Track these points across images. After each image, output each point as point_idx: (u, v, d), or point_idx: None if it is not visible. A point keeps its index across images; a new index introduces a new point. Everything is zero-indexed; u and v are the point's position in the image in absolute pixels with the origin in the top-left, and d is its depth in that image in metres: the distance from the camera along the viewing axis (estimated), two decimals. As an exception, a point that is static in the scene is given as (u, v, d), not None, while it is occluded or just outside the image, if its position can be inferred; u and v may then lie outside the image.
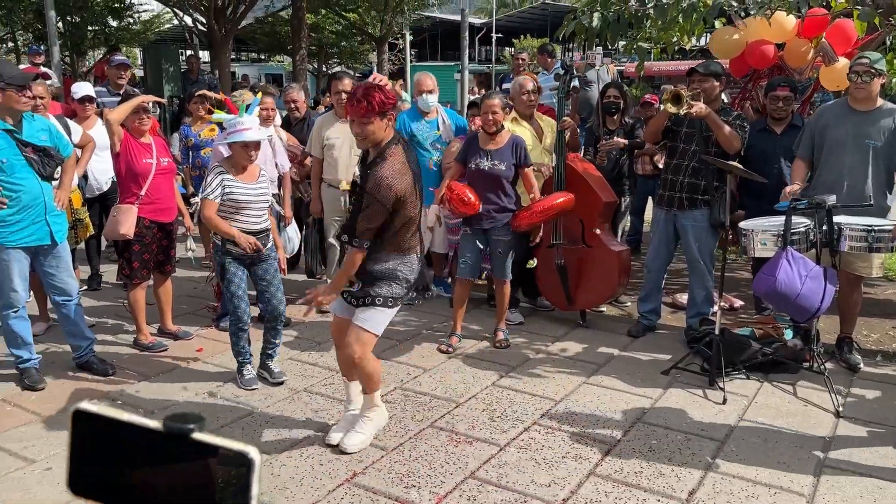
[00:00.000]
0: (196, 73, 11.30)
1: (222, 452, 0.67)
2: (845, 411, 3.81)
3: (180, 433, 0.67)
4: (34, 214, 3.94)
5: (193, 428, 0.67)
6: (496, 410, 3.86)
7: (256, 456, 0.66)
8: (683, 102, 4.38)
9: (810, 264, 3.85)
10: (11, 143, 3.83)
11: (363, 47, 23.34)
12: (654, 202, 5.06)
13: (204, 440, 0.67)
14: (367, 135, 3.14)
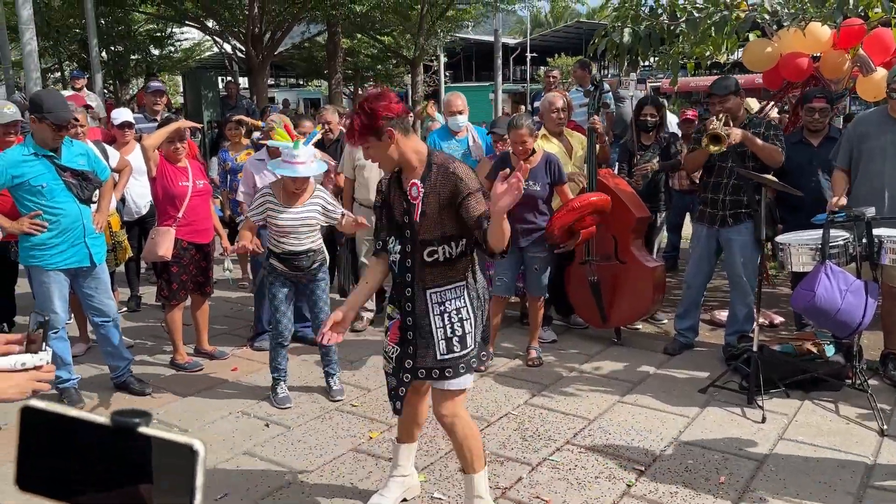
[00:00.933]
0: (234, 98, 11.52)
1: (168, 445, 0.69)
2: (890, 430, 3.68)
3: (127, 427, 0.70)
4: (73, 237, 4.04)
5: (139, 422, 0.70)
6: (528, 429, 3.82)
7: (201, 448, 0.69)
8: (724, 140, 4.35)
9: (850, 278, 3.75)
10: (51, 167, 3.94)
11: (398, 70, 23.60)
12: (694, 218, 4.98)
13: (150, 434, 0.70)
14: (377, 158, 2.70)
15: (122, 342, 4.40)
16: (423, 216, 2.66)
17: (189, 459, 0.69)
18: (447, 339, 2.72)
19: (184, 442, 0.69)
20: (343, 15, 13.83)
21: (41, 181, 3.91)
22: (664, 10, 5.88)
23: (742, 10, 5.41)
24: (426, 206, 2.66)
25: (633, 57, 6.07)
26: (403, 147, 2.65)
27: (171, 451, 0.69)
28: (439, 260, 2.69)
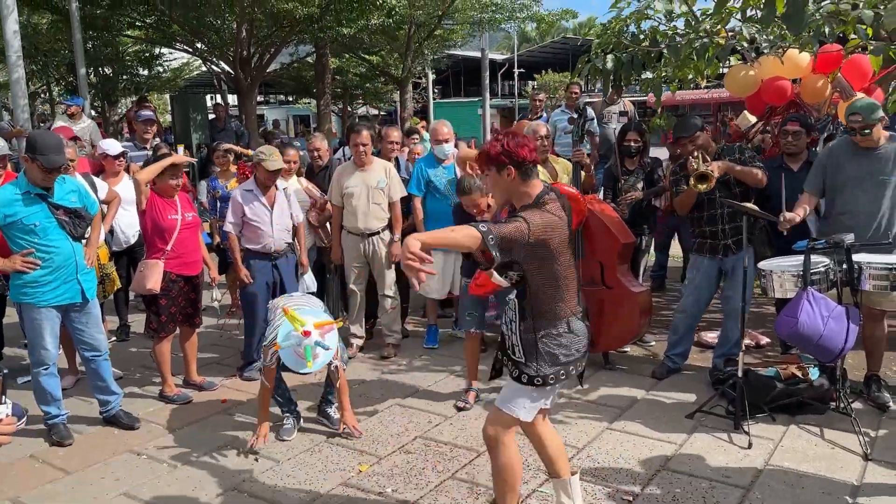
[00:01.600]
0: (223, 121, 11.56)
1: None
2: (874, 453, 3.73)
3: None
4: (66, 274, 4.06)
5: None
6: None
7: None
8: (710, 178, 4.42)
9: (832, 304, 3.81)
10: (44, 206, 3.96)
11: (386, 87, 23.72)
12: (693, 250, 4.97)
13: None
14: (490, 187, 2.94)
15: (111, 376, 4.41)
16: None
17: None
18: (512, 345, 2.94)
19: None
20: (331, 37, 13.92)
21: (34, 220, 3.93)
22: (646, 36, 5.97)
23: (721, 37, 5.50)
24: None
25: (616, 82, 6.15)
26: (515, 187, 2.81)
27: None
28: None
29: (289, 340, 3.65)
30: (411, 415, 4.46)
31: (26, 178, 3.94)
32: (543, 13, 16.18)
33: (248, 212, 4.94)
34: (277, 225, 5.02)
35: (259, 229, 4.97)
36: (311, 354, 3.61)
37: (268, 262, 5.03)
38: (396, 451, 3.97)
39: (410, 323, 6.28)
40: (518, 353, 2.88)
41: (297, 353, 3.65)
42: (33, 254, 3.93)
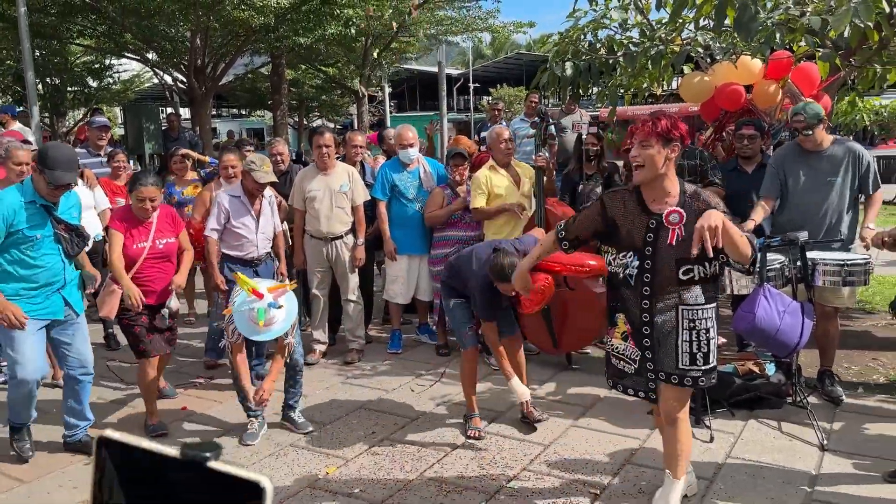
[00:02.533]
0: (177, 130, 11.37)
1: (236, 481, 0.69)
2: (830, 444, 3.84)
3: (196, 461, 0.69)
4: (51, 290, 3.81)
5: (210, 456, 0.69)
6: (485, 458, 3.86)
7: (269, 485, 0.69)
8: None
9: (787, 300, 3.92)
10: (47, 218, 3.73)
11: (343, 100, 23.64)
12: None
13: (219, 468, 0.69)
14: (647, 159, 2.82)
15: (87, 401, 4.10)
16: (679, 240, 2.83)
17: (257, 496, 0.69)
18: (691, 353, 2.91)
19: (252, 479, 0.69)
20: (287, 47, 13.83)
21: (35, 232, 3.67)
22: (602, 44, 6.11)
23: (677, 45, 5.65)
24: (684, 231, 2.83)
25: (574, 90, 6.26)
26: (669, 169, 2.86)
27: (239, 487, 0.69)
28: (694, 279, 2.86)
29: (242, 305, 3.68)
30: (377, 417, 4.43)
31: (33, 187, 3.68)
32: (499, 25, 16.34)
33: (234, 219, 4.84)
34: (262, 234, 4.94)
35: (243, 237, 4.87)
36: (263, 315, 3.65)
37: (249, 270, 4.87)
38: (363, 453, 3.95)
39: (374, 328, 6.26)
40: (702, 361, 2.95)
41: (250, 318, 3.65)
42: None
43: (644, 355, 3.01)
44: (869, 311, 6.37)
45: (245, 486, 0.69)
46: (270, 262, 5.09)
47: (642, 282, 2.91)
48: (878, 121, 19.43)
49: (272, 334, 3.79)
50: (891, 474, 3.46)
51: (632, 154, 2.87)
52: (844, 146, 4.47)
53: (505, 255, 3.75)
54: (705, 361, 2.93)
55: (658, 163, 2.83)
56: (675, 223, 2.84)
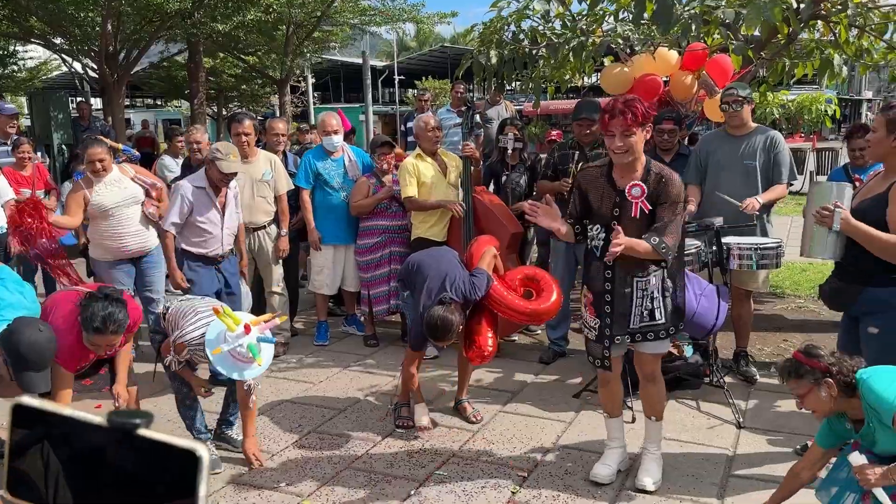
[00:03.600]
0: (87, 119, 10.91)
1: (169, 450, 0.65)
2: (745, 422, 4.00)
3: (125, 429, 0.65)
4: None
5: (139, 423, 0.65)
6: (414, 446, 3.84)
7: (205, 454, 0.64)
8: None
9: (704, 283, 4.06)
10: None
11: (264, 90, 23.13)
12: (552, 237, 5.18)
13: (151, 437, 0.65)
14: (630, 147, 3.00)
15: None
16: (641, 213, 3.05)
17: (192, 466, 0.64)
18: (651, 310, 3.19)
19: (187, 447, 0.65)
20: (205, 34, 13.41)
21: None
22: (526, 35, 6.17)
23: (597, 36, 5.76)
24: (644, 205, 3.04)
25: (499, 80, 6.31)
26: (640, 147, 3.07)
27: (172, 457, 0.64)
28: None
29: (226, 343, 3.18)
30: (304, 410, 4.36)
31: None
32: (423, 16, 16.28)
33: (197, 213, 4.45)
34: (227, 229, 4.63)
35: (207, 232, 4.52)
36: (257, 351, 3.23)
37: (212, 268, 4.60)
38: (290, 447, 3.87)
39: (300, 321, 6.15)
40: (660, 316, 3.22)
41: (236, 355, 3.20)
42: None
43: (603, 322, 3.22)
44: (779, 295, 6.66)
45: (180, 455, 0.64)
46: (233, 258, 4.80)
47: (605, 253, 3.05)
48: (784, 114, 20.38)
49: (258, 372, 3.34)
50: (802, 448, 3.62)
51: (616, 144, 3.00)
52: (765, 133, 4.63)
53: (442, 311, 3.63)
54: (651, 318, 3.20)
55: (640, 147, 3.06)
56: (636, 196, 3.03)
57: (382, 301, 5.38)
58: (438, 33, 43.11)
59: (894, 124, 3.01)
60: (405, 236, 5.31)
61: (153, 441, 0.65)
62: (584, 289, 3.36)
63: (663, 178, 3.07)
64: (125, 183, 4.80)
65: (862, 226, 3.01)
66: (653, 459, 3.42)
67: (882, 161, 3.15)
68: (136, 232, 4.80)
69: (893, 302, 3.06)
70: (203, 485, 0.64)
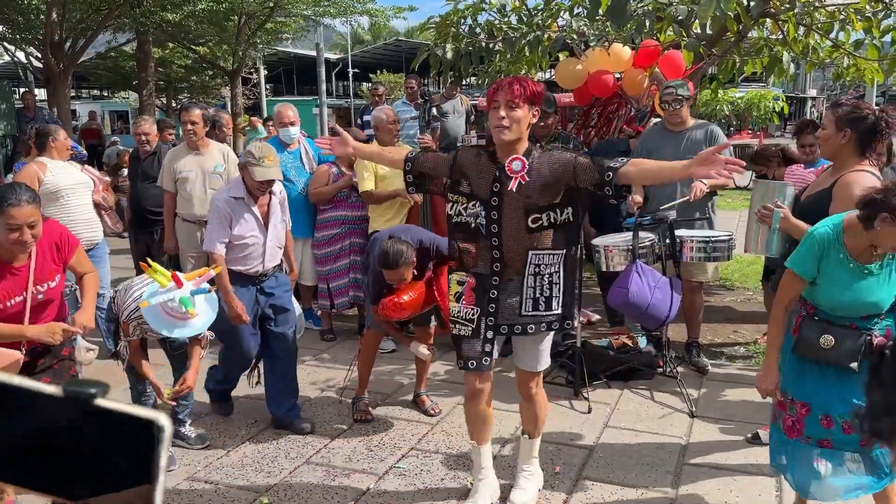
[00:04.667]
0: (32, 110, 10.57)
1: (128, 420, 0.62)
2: (698, 411, 4.09)
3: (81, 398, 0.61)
4: None
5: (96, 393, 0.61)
6: (373, 440, 3.83)
7: (167, 423, 0.62)
8: None
9: (657, 275, 4.13)
10: None
11: (215, 81, 22.71)
12: None
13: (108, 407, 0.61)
14: (515, 121, 2.77)
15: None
16: (522, 187, 2.81)
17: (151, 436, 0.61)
18: (535, 298, 2.91)
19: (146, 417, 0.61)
20: (154, 24, 13.10)
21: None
22: (482, 29, 6.19)
23: (553, 31, 5.81)
24: (531, 178, 2.82)
25: (455, 74, 6.31)
26: (524, 128, 2.86)
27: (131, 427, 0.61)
28: (544, 225, 2.84)
29: (157, 296, 3.04)
30: (259, 406, 4.29)
31: None
32: (378, 9, 16.18)
33: (236, 227, 3.69)
34: (272, 242, 3.84)
35: (246, 247, 3.76)
36: (190, 303, 3.08)
37: (250, 287, 3.84)
38: (246, 443, 3.82)
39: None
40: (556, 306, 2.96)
41: (167, 310, 3.06)
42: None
43: (486, 309, 2.92)
44: (729, 288, 6.82)
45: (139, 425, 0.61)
46: (280, 275, 4.02)
47: (491, 232, 2.87)
48: (734, 111, 20.86)
49: (195, 329, 3.19)
50: (753, 436, 3.72)
51: (499, 115, 2.80)
52: (705, 128, 4.73)
53: (393, 243, 3.64)
54: (548, 307, 2.93)
55: (524, 127, 2.84)
56: (517, 171, 2.83)
57: (343, 293, 5.34)
58: (393, 27, 42.90)
59: (843, 121, 3.10)
60: (365, 227, 5.28)
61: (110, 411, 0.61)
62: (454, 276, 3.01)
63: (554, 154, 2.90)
64: (75, 169, 4.72)
65: (800, 224, 3.11)
66: (526, 477, 3.24)
67: (831, 158, 3.23)
68: (87, 220, 4.70)
69: None
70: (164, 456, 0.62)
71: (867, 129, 3.08)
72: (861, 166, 3.10)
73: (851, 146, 3.09)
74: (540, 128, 4.90)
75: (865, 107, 3.14)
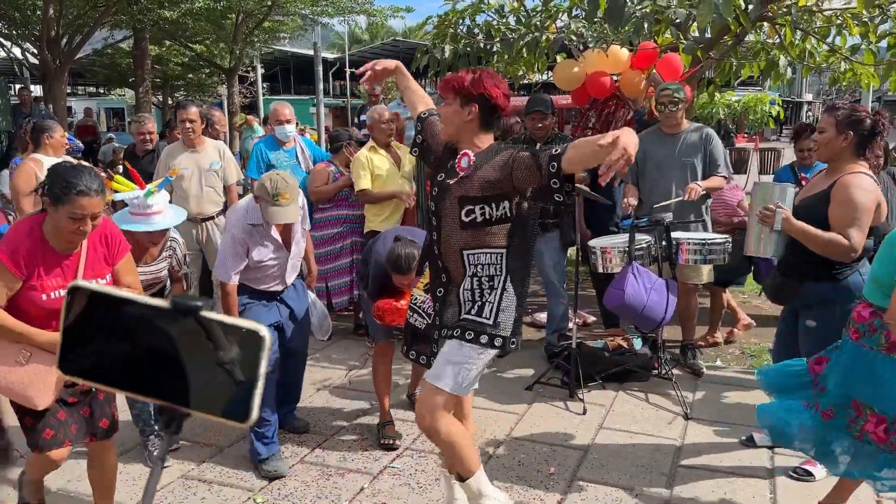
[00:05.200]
0: (29, 106, 10.57)
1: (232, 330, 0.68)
2: (693, 413, 4.09)
3: (189, 310, 0.68)
4: None
5: (202, 305, 0.68)
6: (368, 439, 3.82)
7: (266, 333, 0.68)
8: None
9: (654, 277, 4.13)
10: None
11: (212, 80, 22.65)
12: None
13: (214, 318, 0.69)
14: (445, 118, 2.68)
15: None
16: (463, 179, 2.66)
17: (255, 345, 0.67)
18: (473, 301, 2.69)
19: (250, 327, 0.68)
20: (151, 21, 13.06)
21: None
22: (480, 30, 6.19)
23: (551, 33, 5.81)
24: (472, 172, 2.65)
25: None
26: (469, 131, 2.69)
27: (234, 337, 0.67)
28: (477, 220, 2.66)
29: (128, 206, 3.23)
30: (254, 404, 4.29)
31: None
32: (376, 8, 16.16)
33: (254, 253, 3.50)
34: (293, 260, 3.69)
35: (267, 268, 3.58)
36: (152, 194, 3.24)
37: (273, 303, 3.71)
38: (239, 441, 3.80)
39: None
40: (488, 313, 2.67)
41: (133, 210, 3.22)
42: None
43: (435, 307, 2.82)
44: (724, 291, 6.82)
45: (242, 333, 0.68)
46: (298, 283, 3.87)
47: (433, 225, 2.77)
48: (730, 114, 20.91)
49: (158, 225, 3.23)
50: (747, 439, 3.73)
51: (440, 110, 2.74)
52: (699, 130, 4.73)
53: (404, 246, 3.43)
54: (479, 312, 2.66)
55: (451, 120, 2.69)
56: (464, 167, 2.68)
57: (343, 292, 5.33)
58: (391, 27, 42.86)
59: (843, 124, 3.12)
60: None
61: (216, 322, 0.68)
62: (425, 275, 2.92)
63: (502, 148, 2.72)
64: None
65: (801, 225, 3.14)
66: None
67: (830, 161, 3.25)
68: None
69: (830, 296, 3.18)
70: (264, 362, 0.68)
71: (867, 131, 3.11)
72: (858, 168, 3.12)
73: (852, 148, 3.12)
74: (537, 129, 4.92)
75: (863, 109, 3.19)
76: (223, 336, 0.67)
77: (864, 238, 3.07)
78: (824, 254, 3.12)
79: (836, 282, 3.17)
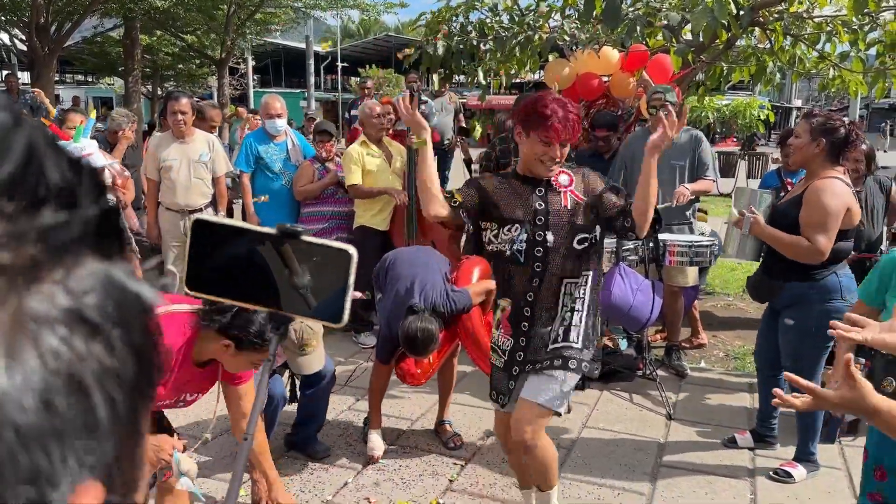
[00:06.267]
0: (16, 93, 10.44)
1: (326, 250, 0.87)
2: (676, 413, 4.12)
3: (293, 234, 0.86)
4: None
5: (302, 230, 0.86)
6: (352, 434, 3.83)
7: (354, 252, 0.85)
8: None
9: (640, 278, 4.16)
10: None
11: (202, 70, 22.53)
12: None
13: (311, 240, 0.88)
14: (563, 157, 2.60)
15: None
16: (576, 204, 2.62)
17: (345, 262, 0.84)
18: (567, 327, 2.65)
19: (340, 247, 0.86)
20: (142, 10, 12.98)
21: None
22: (473, 27, 6.19)
23: (544, 32, 5.82)
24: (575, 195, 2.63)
25: (446, 71, 6.31)
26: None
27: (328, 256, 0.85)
28: (587, 248, 2.64)
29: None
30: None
31: None
32: (369, 3, 16.13)
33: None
34: None
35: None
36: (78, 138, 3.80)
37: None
38: (224, 434, 3.79)
39: (235, 307, 6.03)
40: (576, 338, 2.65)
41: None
42: None
43: (517, 343, 2.69)
44: (709, 293, 6.87)
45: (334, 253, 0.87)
46: None
47: (533, 256, 2.61)
48: (719, 118, 21.03)
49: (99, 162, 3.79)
50: (729, 440, 3.77)
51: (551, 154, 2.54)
52: (689, 133, 4.76)
53: (419, 321, 3.20)
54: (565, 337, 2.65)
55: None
56: (565, 185, 2.65)
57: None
58: (383, 21, 42.82)
59: (817, 131, 3.21)
60: (352, 223, 5.27)
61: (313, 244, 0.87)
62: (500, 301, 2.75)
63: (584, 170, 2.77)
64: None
65: (768, 229, 3.24)
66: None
67: (804, 166, 3.35)
68: None
69: (808, 295, 3.29)
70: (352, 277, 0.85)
71: (840, 139, 3.20)
72: (832, 174, 3.20)
73: (824, 155, 3.22)
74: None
75: (837, 118, 3.29)
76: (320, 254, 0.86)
77: (832, 241, 3.15)
78: (791, 256, 3.23)
79: (813, 281, 3.26)
